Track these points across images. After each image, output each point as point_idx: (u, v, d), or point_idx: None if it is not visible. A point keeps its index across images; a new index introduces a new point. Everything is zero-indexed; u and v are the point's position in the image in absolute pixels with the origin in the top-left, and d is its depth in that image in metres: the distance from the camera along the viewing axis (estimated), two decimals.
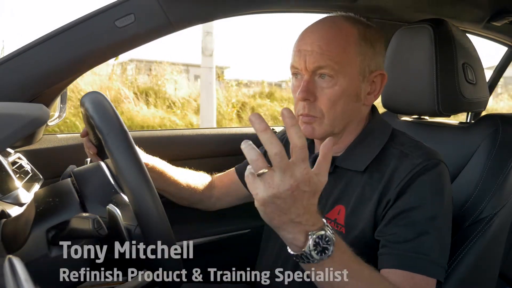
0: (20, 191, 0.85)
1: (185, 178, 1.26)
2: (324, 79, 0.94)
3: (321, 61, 0.92)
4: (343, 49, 0.93)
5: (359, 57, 0.94)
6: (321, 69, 0.93)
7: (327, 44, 0.92)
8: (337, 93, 0.94)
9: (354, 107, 0.98)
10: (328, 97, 0.94)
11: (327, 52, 0.92)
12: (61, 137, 1.38)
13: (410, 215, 0.88)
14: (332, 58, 0.92)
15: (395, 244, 0.87)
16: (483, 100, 1.23)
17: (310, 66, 0.93)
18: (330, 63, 0.92)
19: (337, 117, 0.96)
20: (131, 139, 0.76)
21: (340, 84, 0.93)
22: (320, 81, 0.94)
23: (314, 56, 0.92)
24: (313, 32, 0.95)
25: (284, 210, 0.67)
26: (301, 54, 0.95)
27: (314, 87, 0.95)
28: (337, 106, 0.95)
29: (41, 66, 1.02)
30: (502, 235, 1.13)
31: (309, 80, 0.94)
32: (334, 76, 0.93)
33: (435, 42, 1.12)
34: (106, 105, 0.79)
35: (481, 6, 1.40)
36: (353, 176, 0.99)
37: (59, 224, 0.77)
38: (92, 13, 1.04)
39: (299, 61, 0.95)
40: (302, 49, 0.95)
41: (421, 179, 0.90)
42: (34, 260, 0.74)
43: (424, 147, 0.97)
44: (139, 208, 0.73)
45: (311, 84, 0.94)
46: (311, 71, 0.94)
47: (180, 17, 1.08)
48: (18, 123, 0.68)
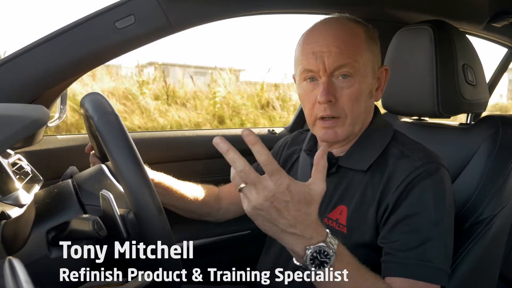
0: (20, 192, 0.85)
1: (192, 192, 1.25)
2: (344, 79, 0.94)
3: (341, 60, 0.92)
4: (359, 48, 0.94)
5: (370, 55, 0.96)
6: (342, 68, 0.93)
7: (344, 43, 0.93)
8: (357, 92, 0.94)
9: (370, 104, 1.00)
10: (349, 96, 0.94)
11: (346, 51, 0.92)
12: (61, 138, 1.38)
13: (413, 221, 0.88)
14: (351, 57, 0.92)
15: (399, 252, 0.87)
16: (483, 101, 1.23)
17: (330, 66, 0.93)
18: (350, 61, 0.92)
19: (360, 116, 0.98)
20: (131, 141, 0.76)
21: (359, 82, 0.94)
22: (339, 81, 0.94)
23: (334, 56, 0.92)
24: (325, 33, 0.95)
25: (271, 220, 0.69)
26: (317, 56, 0.93)
27: (334, 89, 0.94)
28: (359, 104, 0.96)
29: (41, 67, 1.02)
30: (502, 237, 1.13)
31: (328, 82, 0.94)
32: (353, 75, 0.94)
33: (435, 43, 1.12)
34: (105, 104, 0.79)
35: (481, 7, 1.40)
36: (356, 175, 0.99)
37: (59, 225, 0.77)
38: (92, 14, 1.04)
39: (316, 64, 0.94)
40: (317, 51, 0.94)
41: (423, 184, 0.90)
42: (34, 261, 0.74)
43: (425, 150, 0.97)
44: (139, 208, 0.73)
45: (331, 86, 0.94)
46: (330, 72, 0.93)
47: (181, 18, 1.08)
48: (18, 124, 0.68)
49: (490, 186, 1.08)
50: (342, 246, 0.76)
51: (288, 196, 0.67)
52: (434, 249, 0.86)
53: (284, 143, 1.27)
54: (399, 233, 0.89)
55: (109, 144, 0.73)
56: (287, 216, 0.68)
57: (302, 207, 0.69)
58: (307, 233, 0.71)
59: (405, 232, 0.88)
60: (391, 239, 0.89)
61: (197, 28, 1.16)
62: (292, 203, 0.68)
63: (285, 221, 0.69)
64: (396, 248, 0.88)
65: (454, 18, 1.39)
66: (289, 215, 0.68)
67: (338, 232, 0.98)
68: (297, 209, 0.68)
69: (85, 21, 1.03)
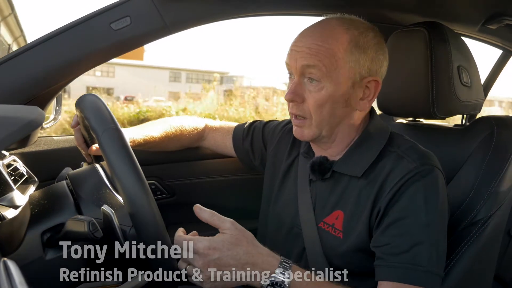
0: (15, 194, 0.85)
1: (175, 140, 1.36)
2: (312, 83, 0.95)
3: (309, 61, 0.93)
4: (332, 54, 0.93)
5: (349, 63, 0.94)
6: (309, 69, 0.94)
7: (317, 46, 0.93)
8: (323, 97, 0.94)
9: (343, 112, 0.98)
10: (314, 100, 0.95)
11: (316, 54, 0.93)
12: (57, 139, 1.38)
13: (404, 224, 0.88)
14: (320, 60, 0.93)
15: (390, 256, 0.88)
16: (478, 102, 1.23)
17: (299, 65, 0.95)
18: (318, 63, 0.93)
19: (324, 120, 0.97)
20: (126, 139, 0.76)
21: (327, 88, 0.94)
22: (308, 84, 0.96)
23: (304, 56, 0.94)
24: (306, 34, 0.97)
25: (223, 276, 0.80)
26: (292, 53, 0.97)
27: (302, 89, 0.96)
28: (323, 109, 0.96)
29: (37, 68, 1.01)
30: (497, 237, 1.13)
31: (298, 82, 0.96)
32: (322, 80, 0.94)
33: (430, 45, 1.13)
34: (101, 106, 0.79)
35: (476, 9, 1.40)
36: (351, 180, 0.99)
37: (55, 227, 0.77)
38: (87, 15, 1.04)
39: (290, 60, 0.98)
40: (293, 49, 0.97)
41: (414, 186, 0.90)
42: (29, 263, 0.74)
43: (419, 150, 0.97)
44: (134, 208, 0.73)
45: (299, 86, 0.96)
46: (300, 71, 0.95)
47: (176, 20, 1.08)
48: (13, 125, 0.68)
49: (485, 187, 1.08)
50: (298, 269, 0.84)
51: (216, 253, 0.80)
52: (425, 252, 0.86)
53: (287, 128, 1.25)
54: (390, 236, 0.89)
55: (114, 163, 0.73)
56: (231, 263, 0.80)
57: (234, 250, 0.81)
58: (257, 267, 0.82)
59: (396, 236, 0.88)
60: (382, 242, 0.90)
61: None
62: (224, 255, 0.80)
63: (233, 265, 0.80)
64: (386, 251, 0.88)
65: (449, 20, 1.39)
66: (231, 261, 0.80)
67: (334, 237, 0.98)
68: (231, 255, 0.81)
69: (81, 22, 1.03)
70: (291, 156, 1.18)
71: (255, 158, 1.33)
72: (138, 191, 0.72)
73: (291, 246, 1.07)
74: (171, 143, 1.35)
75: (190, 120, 1.41)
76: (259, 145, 1.31)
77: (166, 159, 1.50)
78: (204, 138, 1.43)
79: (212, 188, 1.57)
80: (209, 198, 1.57)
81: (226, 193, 1.58)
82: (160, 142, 1.30)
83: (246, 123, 1.38)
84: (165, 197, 1.49)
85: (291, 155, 1.18)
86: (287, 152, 1.19)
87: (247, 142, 1.33)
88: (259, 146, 1.30)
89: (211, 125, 1.43)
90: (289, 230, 1.09)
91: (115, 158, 0.73)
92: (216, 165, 1.57)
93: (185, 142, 1.39)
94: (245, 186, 1.61)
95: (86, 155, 1.12)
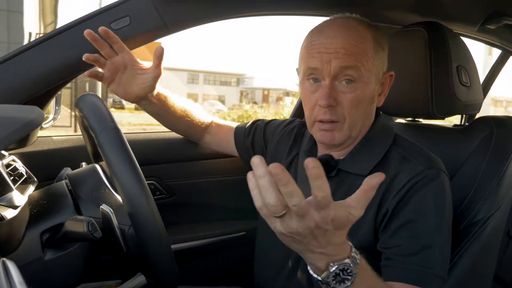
0: (14, 194, 0.85)
1: (184, 113, 1.32)
2: (348, 84, 0.93)
3: (348, 61, 0.91)
4: (365, 54, 0.92)
5: (376, 61, 0.95)
6: (347, 70, 0.91)
7: (352, 46, 0.91)
8: (358, 97, 0.93)
9: (370, 110, 0.99)
10: (350, 101, 0.93)
11: (353, 54, 0.91)
12: (56, 139, 1.38)
13: (414, 227, 0.88)
14: (358, 60, 0.91)
15: (400, 257, 0.88)
16: (477, 102, 1.23)
17: (335, 66, 0.91)
18: (357, 63, 0.91)
19: (358, 121, 0.97)
20: (124, 138, 0.76)
21: (361, 88, 0.93)
22: (341, 86, 0.93)
23: (340, 57, 0.91)
24: (331, 35, 0.93)
25: (303, 243, 0.66)
26: (323, 57, 0.92)
27: (335, 92, 0.93)
28: (359, 109, 0.95)
29: (36, 68, 1.01)
30: (497, 238, 1.13)
31: (330, 86, 0.93)
32: (357, 80, 0.92)
33: (429, 45, 1.13)
34: (100, 105, 0.79)
35: (475, 9, 1.40)
36: (356, 179, 0.98)
37: (54, 227, 0.77)
38: (87, 15, 1.04)
39: (320, 63, 0.92)
40: (322, 51, 0.92)
41: (424, 189, 0.90)
42: (28, 263, 0.74)
43: (426, 153, 0.97)
44: (133, 208, 0.73)
45: (333, 89, 0.93)
46: (333, 74, 0.92)
47: (176, 20, 1.08)
48: (12, 125, 0.68)
49: (485, 187, 1.08)
50: (364, 260, 0.74)
51: (330, 226, 0.63)
52: (434, 255, 0.87)
53: (288, 128, 1.25)
54: (400, 238, 0.89)
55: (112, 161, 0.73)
56: (321, 241, 0.66)
57: (338, 232, 0.66)
58: (334, 251, 0.68)
59: (406, 238, 0.88)
60: (392, 244, 0.90)
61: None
62: (331, 231, 0.65)
63: (317, 244, 0.66)
64: (396, 253, 0.88)
65: (448, 19, 1.39)
66: (323, 239, 0.66)
67: None
68: (332, 234, 0.66)
69: (80, 22, 1.03)
70: (290, 155, 1.17)
71: None
72: (137, 190, 0.72)
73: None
74: (180, 122, 1.32)
75: (201, 111, 1.40)
76: (260, 143, 1.31)
77: (165, 159, 1.50)
78: (208, 132, 1.41)
79: (212, 188, 1.57)
80: (209, 198, 1.57)
81: (226, 193, 1.58)
82: (174, 112, 1.28)
83: (248, 121, 1.38)
84: (164, 197, 1.49)
85: (291, 154, 1.17)
86: (287, 151, 1.18)
87: (249, 140, 1.33)
88: (260, 145, 1.31)
89: (216, 121, 1.43)
90: None
91: (114, 157, 0.73)
92: (215, 165, 1.57)
93: (191, 127, 1.37)
94: (245, 186, 1.59)
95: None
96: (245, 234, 1.53)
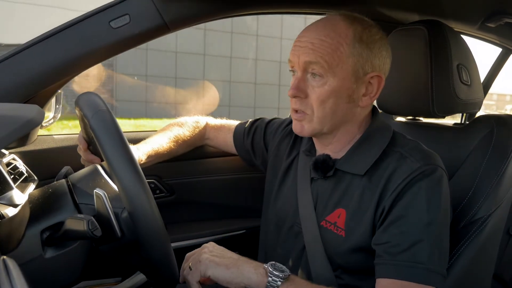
0: (15, 192, 0.85)
1: (179, 146, 1.37)
2: (315, 78, 0.95)
3: (312, 57, 0.93)
4: (335, 49, 0.93)
5: (352, 58, 0.94)
6: (312, 65, 0.94)
7: (319, 42, 0.93)
8: (326, 93, 0.94)
9: (346, 108, 0.98)
10: (317, 95, 0.95)
11: (318, 49, 0.93)
12: (56, 138, 1.38)
13: (404, 223, 0.89)
14: (322, 56, 0.92)
15: (391, 254, 0.88)
16: (477, 101, 1.23)
17: (301, 61, 0.95)
18: (320, 60, 0.92)
19: (326, 116, 0.97)
20: (116, 120, 0.76)
21: (330, 84, 0.94)
22: (311, 79, 0.96)
23: (306, 52, 0.94)
24: (309, 30, 0.97)
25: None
26: (295, 50, 0.97)
27: (305, 85, 0.97)
28: (326, 105, 0.96)
29: (36, 66, 1.01)
30: (497, 236, 1.13)
31: (300, 78, 0.97)
32: (324, 75, 0.94)
33: (430, 43, 1.13)
34: (93, 95, 0.79)
35: (476, 7, 1.40)
36: (353, 178, 0.99)
37: (54, 225, 0.77)
38: (87, 14, 1.04)
39: (293, 56, 0.98)
40: (297, 45, 0.97)
41: (417, 185, 0.90)
42: (29, 261, 0.74)
43: (423, 150, 0.97)
44: (134, 207, 0.73)
45: (302, 82, 0.97)
46: (302, 67, 0.95)
47: (175, 18, 1.08)
48: (12, 124, 0.68)
49: (485, 186, 1.08)
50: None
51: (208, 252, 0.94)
52: (426, 250, 0.86)
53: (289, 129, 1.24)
54: (390, 234, 0.89)
55: (103, 143, 0.73)
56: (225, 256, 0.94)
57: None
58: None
59: (396, 234, 0.89)
60: (383, 240, 0.90)
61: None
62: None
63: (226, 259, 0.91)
64: (386, 250, 0.89)
65: (449, 18, 1.39)
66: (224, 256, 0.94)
67: (336, 235, 0.98)
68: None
69: (80, 20, 1.03)
70: (291, 155, 1.17)
71: (256, 158, 1.33)
72: (129, 170, 0.72)
73: (292, 244, 1.07)
74: (180, 148, 1.38)
75: (191, 120, 1.42)
76: (260, 145, 1.31)
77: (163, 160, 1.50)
78: (207, 138, 1.45)
79: (212, 186, 1.57)
80: (209, 196, 1.57)
81: (226, 191, 1.59)
82: (170, 150, 1.33)
83: (248, 121, 1.38)
84: (164, 195, 1.49)
85: (292, 154, 1.18)
86: (288, 151, 1.19)
87: (248, 141, 1.33)
88: (260, 146, 1.30)
89: (212, 124, 1.45)
90: (289, 228, 1.09)
91: (106, 139, 0.73)
92: (215, 163, 1.58)
93: (190, 143, 1.42)
94: (245, 185, 1.61)
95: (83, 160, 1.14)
96: (245, 232, 1.54)
